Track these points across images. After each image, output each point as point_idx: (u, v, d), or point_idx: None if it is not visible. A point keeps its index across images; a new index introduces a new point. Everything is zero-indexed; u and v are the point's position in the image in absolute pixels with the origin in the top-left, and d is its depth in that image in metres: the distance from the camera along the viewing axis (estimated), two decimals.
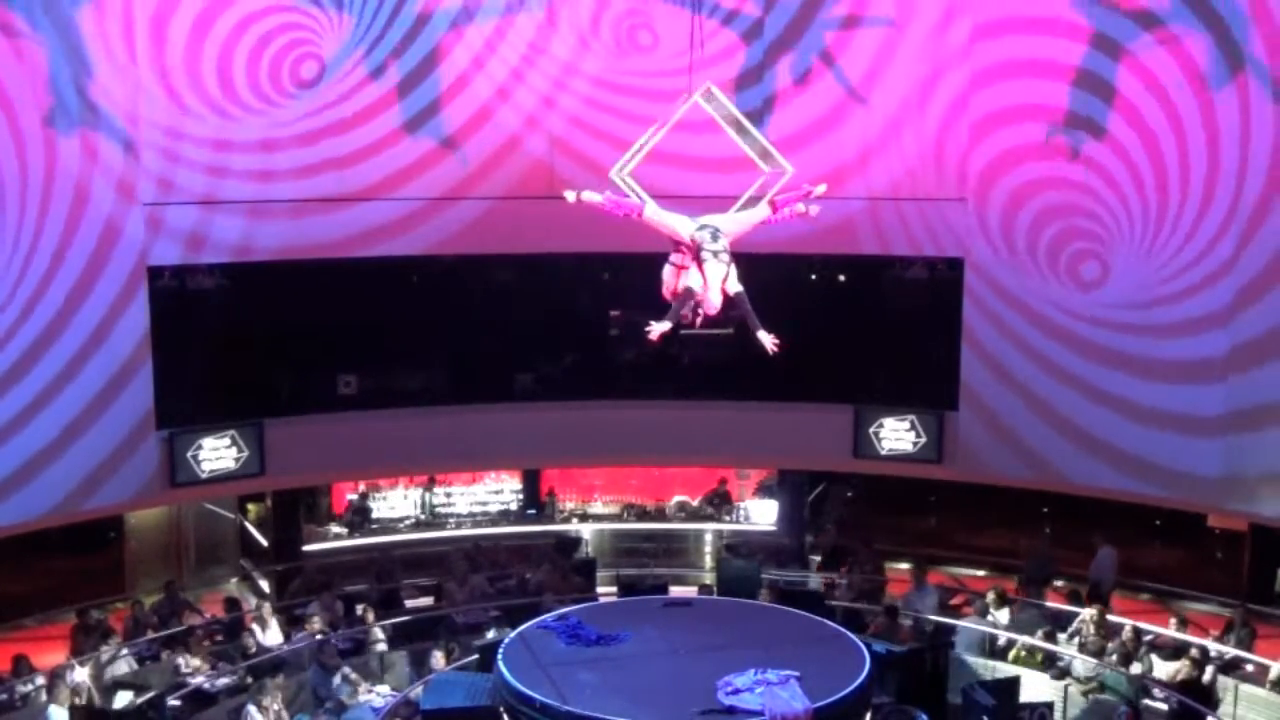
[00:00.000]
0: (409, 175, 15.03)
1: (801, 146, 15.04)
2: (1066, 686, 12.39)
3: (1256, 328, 13.31)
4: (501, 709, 10.20)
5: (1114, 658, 12.64)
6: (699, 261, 8.70)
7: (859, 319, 16.22)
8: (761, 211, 9.27)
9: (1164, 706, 11.99)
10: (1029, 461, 15.02)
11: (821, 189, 9.41)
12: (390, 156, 14.90)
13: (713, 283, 8.67)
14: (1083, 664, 12.58)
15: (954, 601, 14.88)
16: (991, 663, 13.08)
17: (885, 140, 15.09)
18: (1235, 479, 13.67)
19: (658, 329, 8.52)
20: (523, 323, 16.32)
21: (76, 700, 11.37)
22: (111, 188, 13.39)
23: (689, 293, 8.63)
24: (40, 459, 13.17)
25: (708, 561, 17.28)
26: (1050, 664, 12.91)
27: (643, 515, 17.88)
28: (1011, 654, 13.16)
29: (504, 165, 15.28)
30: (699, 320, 8.85)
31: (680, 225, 8.87)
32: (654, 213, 8.88)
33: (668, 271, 9.01)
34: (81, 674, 11.77)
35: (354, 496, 17.30)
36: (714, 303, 8.71)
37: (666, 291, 9.01)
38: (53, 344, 13.16)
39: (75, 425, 13.38)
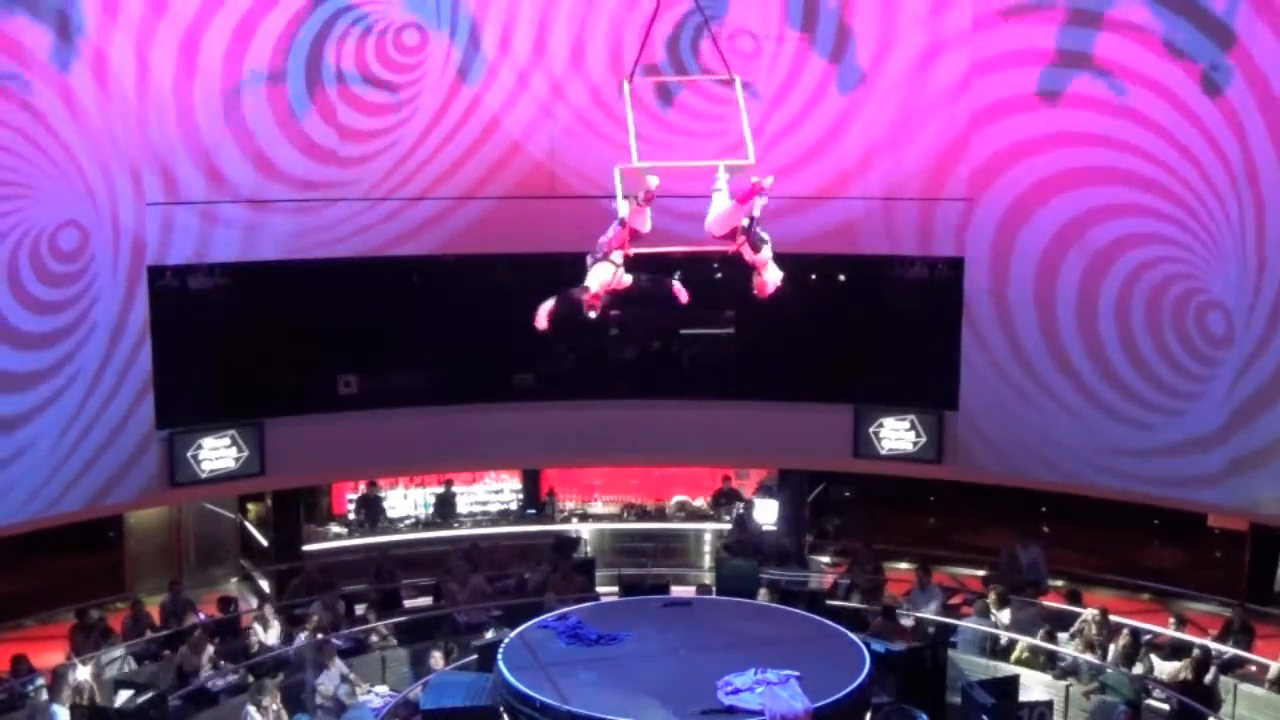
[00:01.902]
0: (410, 176, 15.06)
1: (802, 147, 15.11)
2: (1068, 687, 12.38)
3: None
4: (501, 709, 10.21)
5: (1115, 658, 12.64)
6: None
7: (859, 319, 16.21)
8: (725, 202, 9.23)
9: (1165, 707, 12.00)
10: (1029, 461, 15.01)
11: (769, 181, 9.26)
12: (391, 157, 14.92)
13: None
14: (1084, 664, 12.58)
15: (953, 601, 14.88)
16: (992, 662, 13.08)
17: (885, 140, 15.08)
18: (1237, 476, 13.68)
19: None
20: (523, 323, 16.21)
21: (79, 699, 11.37)
22: (112, 188, 13.39)
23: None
24: (40, 459, 13.18)
25: (707, 561, 17.27)
26: (1052, 664, 12.91)
27: (643, 515, 17.88)
28: (1015, 655, 13.15)
29: (505, 166, 15.29)
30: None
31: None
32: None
33: (606, 271, 9.10)
34: (84, 673, 11.77)
35: (353, 496, 17.29)
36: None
37: (601, 287, 9.08)
38: (53, 344, 13.17)
39: (75, 425, 13.38)
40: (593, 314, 9.22)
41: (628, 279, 9.15)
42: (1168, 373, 14.02)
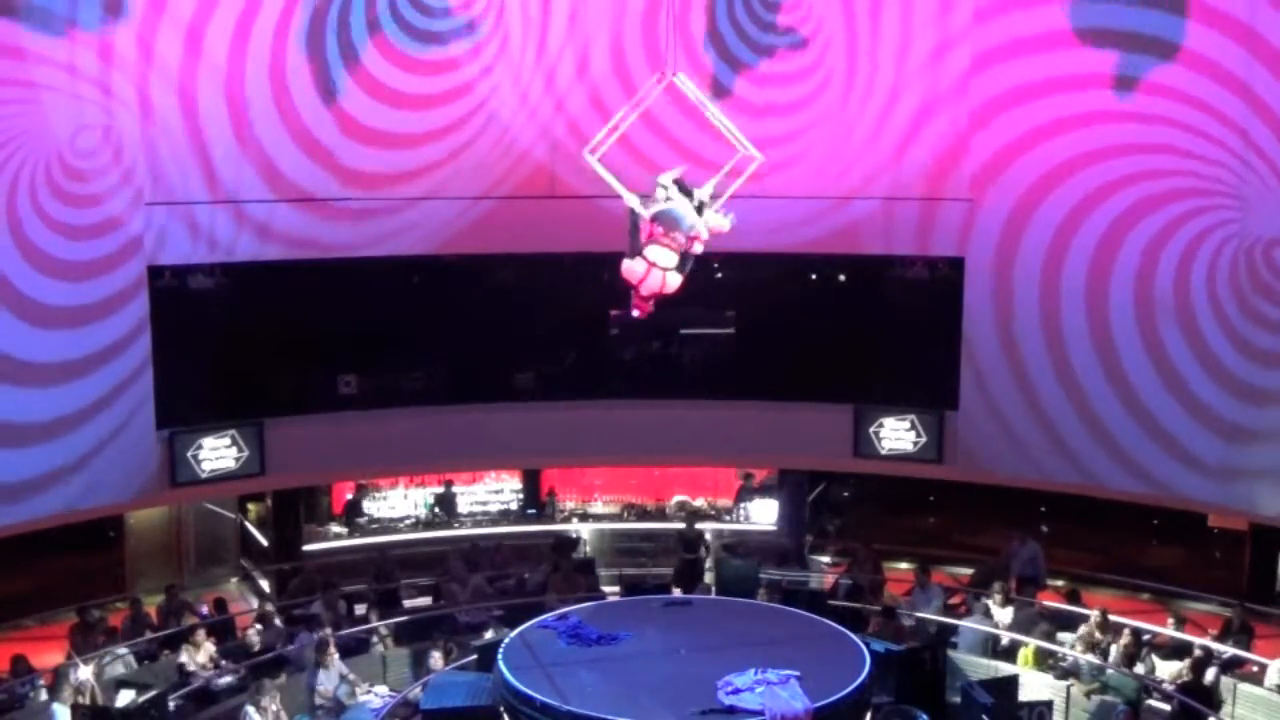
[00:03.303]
0: (411, 175, 15.05)
1: (801, 148, 15.12)
2: (1069, 687, 12.38)
3: None
4: (501, 709, 10.21)
5: (1117, 658, 12.64)
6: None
7: (859, 319, 16.22)
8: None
9: (1166, 707, 11.99)
10: (1028, 461, 15.02)
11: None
12: (392, 157, 14.92)
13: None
14: (1086, 664, 12.57)
15: (953, 601, 14.87)
16: (992, 662, 13.08)
17: (886, 140, 15.09)
18: (1238, 477, 13.67)
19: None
20: (523, 323, 16.33)
21: (80, 698, 11.37)
22: (114, 187, 13.39)
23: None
24: (41, 459, 13.17)
25: (706, 561, 17.25)
26: (1054, 664, 12.90)
27: (643, 515, 17.88)
28: (1022, 656, 13.13)
29: (505, 166, 15.29)
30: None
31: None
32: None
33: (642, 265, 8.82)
34: (85, 672, 11.77)
35: (351, 496, 17.31)
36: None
37: (649, 288, 8.79)
38: (53, 344, 13.17)
39: (75, 425, 13.39)
40: (637, 314, 8.92)
41: (676, 281, 8.77)
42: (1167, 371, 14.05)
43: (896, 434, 15.71)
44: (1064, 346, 14.63)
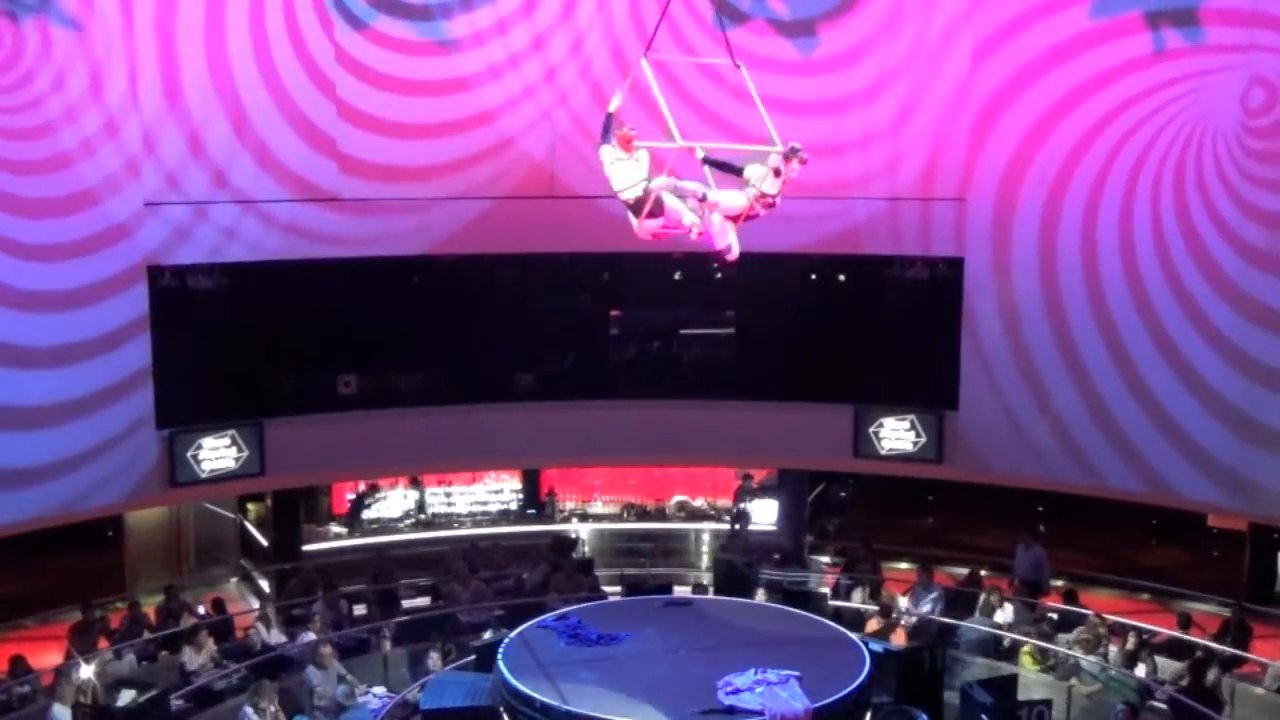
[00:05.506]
0: (411, 175, 15.06)
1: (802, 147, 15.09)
2: (1070, 687, 12.37)
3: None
4: (501, 709, 10.21)
5: (1118, 658, 12.63)
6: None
7: (859, 319, 16.22)
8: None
9: (1165, 707, 11.99)
10: (1029, 461, 15.01)
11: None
12: (392, 157, 14.92)
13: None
14: (1088, 665, 12.57)
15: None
16: (992, 662, 13.08)
17: (886, 140, 15.10)
18: (1240, 478, 13.68)
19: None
20: (523, 323, 16.34)
21: (81, 698, 11.37)
22: (113, 186, 13.40)
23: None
24: (40, 458, 13.17)
25: (705, 561, 17.28)
26: (1055, 664, 12.90)
27: (642, 515, 17.88)
28: (1023, 656, 13.13)
29: (505, 166, 15.29)
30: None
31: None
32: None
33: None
34: (86, 672, 11.77)
35: (351, 496, 17.32)
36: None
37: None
38: (53, 344, 13.17)
39: (75, 424, 13.39)
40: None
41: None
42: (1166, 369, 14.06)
43: (896, 434, 15.72)
44: (1063, 345, 14.61)
